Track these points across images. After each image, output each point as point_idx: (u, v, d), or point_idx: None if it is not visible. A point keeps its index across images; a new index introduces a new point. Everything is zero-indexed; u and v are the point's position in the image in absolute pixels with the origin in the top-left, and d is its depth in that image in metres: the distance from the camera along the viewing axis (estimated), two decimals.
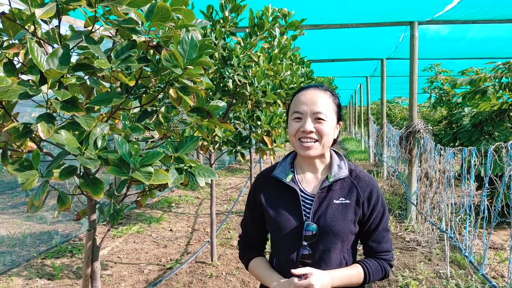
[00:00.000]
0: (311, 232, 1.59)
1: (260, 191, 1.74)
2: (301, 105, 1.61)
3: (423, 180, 5.79)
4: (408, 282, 4.22)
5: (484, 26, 6.76)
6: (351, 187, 1.65)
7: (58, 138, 1.50)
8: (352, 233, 1.63)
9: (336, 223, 1.58)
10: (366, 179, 1.68)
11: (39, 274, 4.56)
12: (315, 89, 1.64)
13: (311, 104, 1.59)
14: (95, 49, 1.60)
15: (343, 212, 1.61)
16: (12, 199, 7.93)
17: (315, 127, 1.58)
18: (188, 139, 1.83)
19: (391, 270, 1.73)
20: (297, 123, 1.61)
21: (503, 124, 7.18)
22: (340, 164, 1.69)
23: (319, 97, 1.61)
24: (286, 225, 1.62)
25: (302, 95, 1.63)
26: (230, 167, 13.45)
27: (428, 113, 15.67)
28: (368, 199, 1.64)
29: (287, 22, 3.98)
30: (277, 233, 1.66)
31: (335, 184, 1.65)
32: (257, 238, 1.84)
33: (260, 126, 3.95)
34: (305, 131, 1.58)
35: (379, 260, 1.69)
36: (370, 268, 1.65)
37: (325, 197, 1.63)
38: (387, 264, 1.70)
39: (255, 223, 1.79)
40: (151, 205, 7.96)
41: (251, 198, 1.79)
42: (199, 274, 4.59)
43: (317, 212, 1.61)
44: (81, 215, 2.09)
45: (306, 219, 1.61)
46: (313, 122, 1.59)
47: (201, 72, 1.69)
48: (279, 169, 1.72)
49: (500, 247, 5.41)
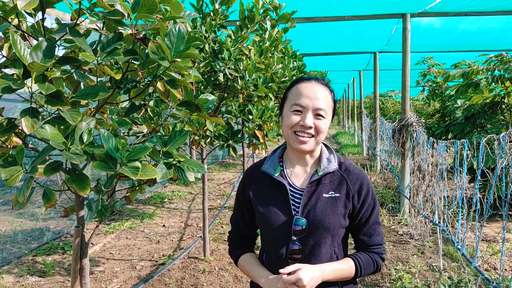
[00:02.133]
0: (301, 227, 1.56)
1: (249, 186, 1.72)
2: (303, 98, 1.55)
3: (416, 173, 5.79)
4: (401, 275, 4.22)
5: (476, 18, 6.76)
6: (341, 180, 1.63)
7: (42, 133, 1.47)
8: (342, 227, 1.61)
9: (325, 217, 1.56)
10: (356, 172, 1.66)
11: (30, 271, 4.52)
12: (317, 82, 1.60)
13: (313, 98, 1.55)
14: (80, 42, 1.56)
15: (333, 206, 1.58)
16: (3, 196, 7.86)
17: (314, 123, 1.55)
18: (177, 133, 1.80)
19: (383, 263, 1.71)
20: (296, 116, 1.56)
21: (495, 117, 7.20)
22: (329, 157, 1.67)
23: (321, 93, 1.57)
24: (275, 220, 1.59)
25: (305, 87, 1.58)
26: (223, 162, 13.42)
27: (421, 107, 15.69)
28: (358, 192, 1.62)
29: (278, 15, 3.94)
30: (267, 228, 1.63)
31: (324, 178, 1.62)
32: (247, 233, 1.81)
33: (252, 120, 3.92)
34: (305, 125, 1.54)
35: (371, 253, 1.67)
36: (362, 261, 1.63)
37: (314, 191, 1.61)
38: (379, 257, 1.68)
39: (244, 218, 1.76)
40: (143, 200, 7.93)
41: (240, 194, 1.76)
42: (192, 270, 4.57)
43: (306, 206, 1.58)
44: (69, 211, 2.06)
45: (295, 214, 1.58)
46: (313, 117, 1.55)
47: (189, 64, 1.65)
48: (268, 164, 1.69)
49: (492, 239, 5.44)
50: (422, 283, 4.10)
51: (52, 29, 1.85)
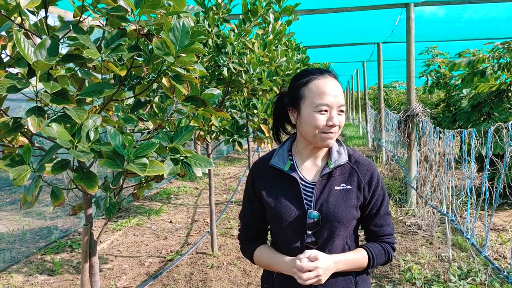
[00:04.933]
0: (312, 220, 1.55)
1: (258, 181, 1.69)
2: (328, 97, 1.51)
3: (422, 163, 5.76)
4: (410, 266, 4.21)
5: (481, 6, 6.69)
6: (351, 172, 1.62)
7: (49, 131, 1.46)
8: (354, 219, 1.60)
9: (338, 209, 1.55)
10: (365, 163, 1.65)
11: (39, 270, 4.54)
12: (332, 77, 1.57)
13: (336, 96, 1.52)
14: (84, 39, 1.55)
15: (345, 198, 1.58)
16: (11, 195, 7.90)
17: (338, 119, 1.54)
18: (183, 129, 1.79)
19: (394, 253, 1.71)
20: (323, 115, 1.52)
21: (502, 105, 7.15)
22: (339, 150, 1.65)
23: (340, 88, 1.56)
24: (288, 215, 1.58)
25: (325, 84, 1.53)
26: (229, 156, 13.42)
27: (425, 97, 15.60)
28: (369, 183, 1.62)
29: (281, 7, 3.91)
30: (279, 223, 1.61)
31: (335, 171, 1.61)
32: (258, 228, 1.78)
33: (257, 115, 3.90)
34: (334, 125, 1.51)
35: (382, 243, 1.67)
36: (374, 251, 1.62)
37: (326, 184, 1.59)
38: (390, 247, 1.67)
39: (255, 213, 1.74)
40: (150, 197, 7.94)
41: (250, 189, 1.73)
42: (200, 265, 4.58)
43: (319, 199, 1.57)
44: (77, 209, 2.05)
45: (308, 208, 1.57)
46: (337, 115, 1.53)
47: (194, 59, 1.64)
48: (277, 158, 1.66)
49: (502, 228, 5.41)
50: (432, 273, 4.08)
51: (55, 27, 1.84)
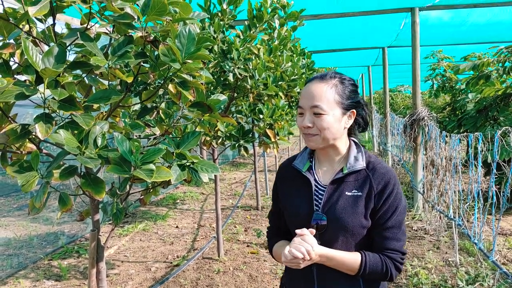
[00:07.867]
0: (317, 221, 1.56)
1: (280, 181, 1.77)
2: (301, 100, 1.59)
3: (429, 168, 5.74)
4: (418, 271, 4.19)
5: (486, 10, 6.68)
6: (365, 179, 1.58)
7: (57, 138, 1.47)
8: (362, 227, 1.55)
9: (345, 215, 1.53)
10: (382, 171, 1.59)
11: (46, 275, 4.55)
12: (317, 81, 1.58)
13: (309, 98, 1.55)
14: (91, 46, 1.56)
15: (354, 205, 1.55)
16: (18, 201, 7.94)
17: (314, 122, 1.54)
18: (189, 134, 1.80)
19: (397, 273, 1.59)
20: (300, 117, 1.59)
21: (508, 109, 7.11)
22: (357, 155, 1.62)
23: (318, 89, 1.55)
24: (297, 214, 1.62)
25: (304, 89, 1.60)
26: (234, 161, 13.43)
27: (431, 101, 15.54)
28: (380, 192, 1.56)
29: (286, 13, 3.93)
30: (290, 221, 1.67)
31: (349, 176, 1.59)
32: (280, 226, 1.82)
33: (263, 120, 3.91)
34: (303, 126, 1.56)
35: (383, 256, 1.57)
36: (368, 258, 1.55)
37: (337, 189, 1.59)
38: (392, 263, 1.56)
39: (279, 212, 1.78)
40: (156, 202, 7.95)
41: (274, 189, 1.81)
42: (207, 270, 4.58)
43: (327, 203, 1.57)
44: (84, 215, 2.06)
45: (317, 210, 1.58)
46: (312, 116, 1.54)
47: (200, 66, 1.65)
48: (299, 159, 1.72)
49: (509, 233, 5.37)
50: (439, 278, 4.06)
51: (63, 34, 1.86)
